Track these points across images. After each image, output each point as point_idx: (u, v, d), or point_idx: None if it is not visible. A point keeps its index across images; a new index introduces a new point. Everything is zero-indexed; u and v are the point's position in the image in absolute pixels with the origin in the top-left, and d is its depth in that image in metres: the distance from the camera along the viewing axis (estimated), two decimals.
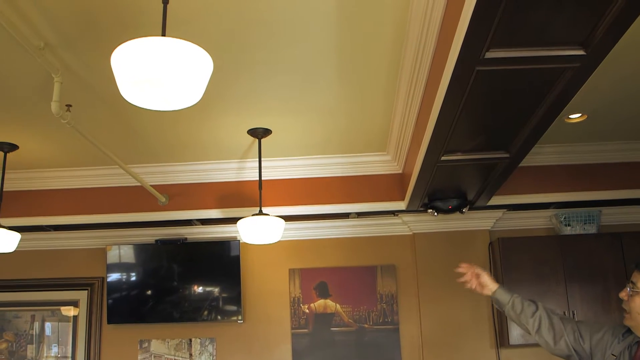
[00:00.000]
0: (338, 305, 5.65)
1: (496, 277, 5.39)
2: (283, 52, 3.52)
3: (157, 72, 2.11)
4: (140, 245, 5.81)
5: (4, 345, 5.95)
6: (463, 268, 3.25)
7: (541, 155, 5.14)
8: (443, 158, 3.97)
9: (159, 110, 4.06)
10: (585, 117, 4.50)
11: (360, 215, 5.62)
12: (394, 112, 4.41)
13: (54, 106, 3.66)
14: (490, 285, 3.13)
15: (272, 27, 3.26)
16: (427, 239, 5.72)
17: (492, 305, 3.35)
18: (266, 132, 4.67)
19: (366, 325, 5.59)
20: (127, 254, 5.80)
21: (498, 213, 5.65)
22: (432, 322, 5.55)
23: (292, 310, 5.68)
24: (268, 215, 4.56)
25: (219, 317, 5.65)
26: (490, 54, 2.59)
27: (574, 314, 5.20)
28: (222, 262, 5.70)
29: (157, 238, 5.82)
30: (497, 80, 2.88)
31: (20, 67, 3.67)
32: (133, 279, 5.77)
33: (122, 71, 2.16)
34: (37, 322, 5.96)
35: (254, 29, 3.27)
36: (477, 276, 3.17)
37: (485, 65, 2.69)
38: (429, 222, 5.67)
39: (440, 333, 5.51)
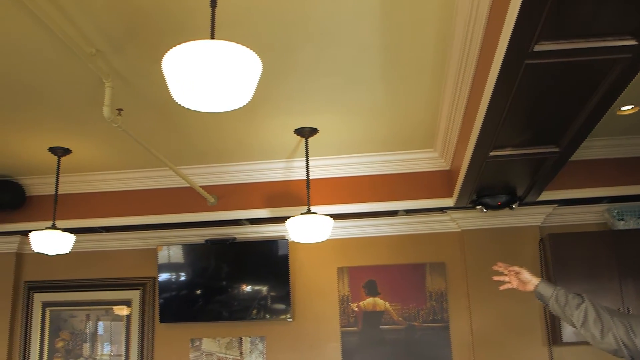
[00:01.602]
0: (387, 303, 5.64)
1: (547, 274, 5.35)
2: (328, 51, 3.53)
3: (208, 75, 2.15)
4: (190, 246, 5.90)
5: (60, 344, 6.10)
6: (500, 267, 3.20)
7: (592, 149, 5.04)
8: (492, 153, 3.93)
9: (210, 112, 4.16)
10: (637, 109, 4.40)
11: (408, 212, 5.60)
12: (441, 109, 4.38)
13: (105, 110, 3.75)
14: (532, 280, 3.07)
15: (317, 27, 3.28)
16: (476, 235, 5.67)
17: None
18: (313, 131, 4.69)
19: (416, 323, 5.57)
20: (177, 254, 5.89)
21: (548, 209, 5.57)
22: (482, 319, 5.49)
23: (341, 309, 5.69)
24: (316, 213, 4.57)
25: (267, 316, 5.69)
26: (539, 47, 2.55)
27: (628, 311, 5.09)
28: (271, 261, 5.74)
29: (206, 238, 5.89)
30: (546, 73, 2.83)
31: (73, 74, 3.76)
32: (183, 278, 5.86)
33: (174, 75, 2.20)
34: (91, 322, 6.09)
35: (299, 29, 3.29)
36: (517, 274, 3.12)
37: (534, 59, 2.65)
38: (477, 219, 5.62)
39: (491, 331, 5.46)
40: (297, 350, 5.68)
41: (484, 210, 5.13)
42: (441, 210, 5.59)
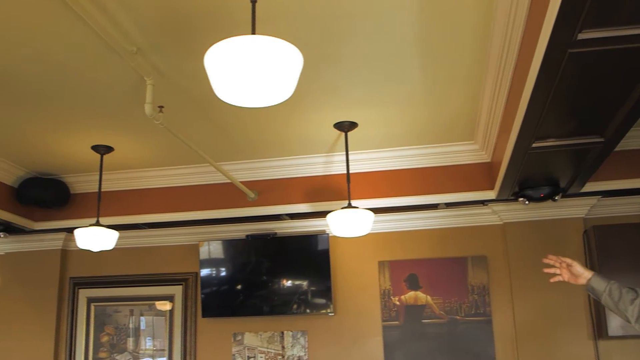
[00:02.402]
0: (429, 297, 5.61)
1: (592, 267, 5.25)
2: (367, 45, 3.52)
3: (250, 70, 2.16)
4: (230, 241, 5.94)
5: (105, 339, 6.20)
6: (551, 260, 3.15)
7: (637, 139, 4.94)
8: (534, 145, 3.87)
9: (251, 108, 4.19)
10: None
11: (449, 205, 5.56)
12: (481, 100, 4.34)
13: (147, 108, 3.79)
14: (584, 273, 3.02)
15: (356, 21, 3.27)
16: (518, 228, 5.60)
17: (589, 294, 3.23)
18: (352, 125, 4.68)
19: (458, 317, 5.53)
20: (218, 249, 5.94)
21: (592, 200, 5.47)
22: (526, 313, 5.42)
23: (383, 303, 5.67)
24: (357, 208, 4.57)
25: (307, 311, 5.70)
26: (583, 35, 2.50)
27: None
28: (311, 255, 5.75)
29: (247, 233, 5.93)
30: (590, 61, 2.77)
31: (114, 73, 3.82)
32: (224, 273, 5.90)
33: (216, 71, 2.22)
34: (135, 317, 6.18)
35: (339, 23, 3.29)
36: (569, 266, 3.07)
37: (578, 47, 2.60)
38: (520, 211, 5.55)
39: (534, 324, 5.39)
40: (339, 345, 5.68)
41: (527, 202, 5.06)
42: (482, 203, 5.54)
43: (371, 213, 4.64)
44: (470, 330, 5.49)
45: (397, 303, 5.65)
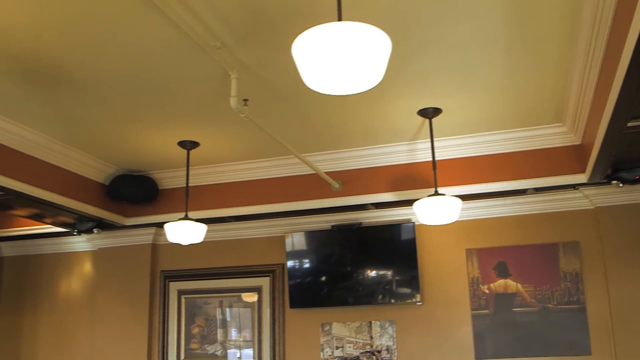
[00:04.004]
0: (519, 285, 5.48)
1: None
2: (453, 29, 3.46)
3: (339, 57, 2.14)
4: (316, 232, 5.96)
5: (196, 330, 6.33)
6: None
7: None
8: (630, 124, 3.71)
9: (334, 97, 4.19)
10: None
11: (537, 191, 5.40)
12: (570, 80, 4.19)
13: (232, 101, 3.84)
14: None
15: (443, 5, 3.21)
16: (612, 212, 5.39)
17: None
18: (436, 111, 4.62)
19: (550, 305, 5.38)
20: (304, 240, 5.97)
21: None
22: (622, 301, 5.21)
23: (471, 291, 5.58)
24: (444, 195, 4.50)
25: (392, 301, 5.66)
26: None
27: None
28: (397, 244, 5.70)
29: (332, 224, 5.93)
30: None
31: (199, 68, 3.88)
32: (310, 264, 5.93)
33: (304, 60, 2.20)
34: (224, 308, 6.29)
35: (425, 7, 3.23)
36: None
37: None
38: (613, 195, 5.34)
39: (632, 313, 5.17)
40: (428, 334, 5.62)
41: (620, 185, 4.88)
42: (573, 187, 5.35)
43: (459, 200, 4.56)
44: (563, 318, 5.34)
45: (487, 291, 5.54)
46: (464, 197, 5.25)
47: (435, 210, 4.52)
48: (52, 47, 3.60)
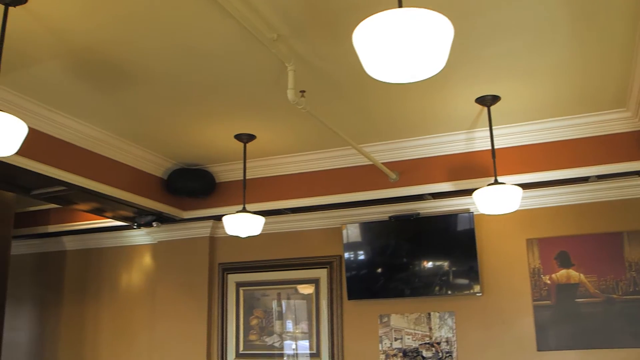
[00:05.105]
0: (582, 275, 5.35)
1: None
2: (514, 13, 3.39)
3: (401, 44, 2.10)
4: (372, 223, 5.94)
5: (254, 322, 6.38)
6: None
7: None
8: None
9: (391, 87, 4.15)
10: None
11: (600, 178, 5.26)
12: (635, 65, 4.06)
13: (289, 93, 3.84)
14: None
15: None
16: None
17: None
18: (495, 98, 4.54)
19: (615, 296, 5.25)
20: (361, 231, 5.95)
21: None
22: None
23: (532, 282, 5.48)
24: (504, 184, 4.42)
25: (449, 292, 5.60)
26: None
27: None
28: (455, 235, 5.63)
29: (389, 215, 5.90)
30: None
31: (255, 61, 3.89)
32: (367, 255, 5.91)
33: (366, 48, 2.18)
34: (282, 300, 6.32)
35: None
36: None
37: None
38: None
39: None
40: (488, 325, 5.54)
41: None
42: (637, 174, 5.20)
43: (519, 189, 4.47)
44: (629, 309, 5.20)
45: (548, 282, 5.44)
46: (524, 186, 5.14)
47: (495, 200, 4.44)
48: (111, 44, 3.66)
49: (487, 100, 4.54)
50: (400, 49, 2.13)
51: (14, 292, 7.39)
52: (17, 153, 3.66)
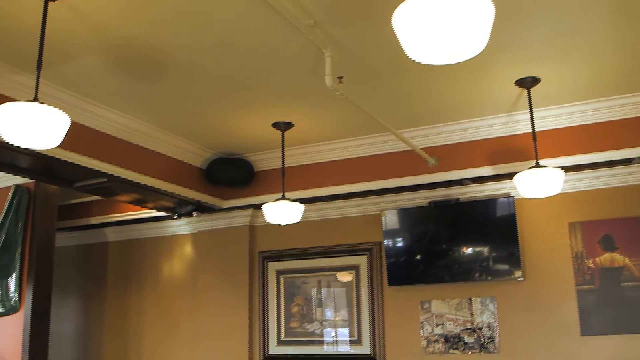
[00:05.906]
0: (626, 259, 5.27)
1: None
2: None
3: (442, 25, 2.08)
4: (412, 209, 5.91)
5: (295, 309, 6.42)
6: None
7: None
8: None
9: (435, 69, 4.11)
10: None
11: None
12: None
13: (327, 80, 3.83)
14: None
15: None
16: None
17: None
18: (535, 80, 4.48)
19: None
20: (401, 218, 5.93)
21: None
22: None
23: (575, 266, 5.41)
24: (546, 167, 4.37)
25: (489, 278, 5.55)
26: None
27: None
28: (495, 220, 5.58)
29: (429, 200, 5.87)
30: None
31: (292, 48, 3.89)
32: (408, 241, 5.89)
33: (406, 30, 2.16)
34: (322, 287, 6.34)
35: None
36: None
37: None
38: None
39: None
40: (530, 310, 5.48)
41: None
42: None
43: (561, 171, 4.42)
44: None
45: (592, 266, 5.36)
46: (566, 169, 5.05)
47: (537, 183, 4.39)
48: (149, 39, 3.70)
49: (527, 83, 4.48)
50: (440, 29, 2.10)
51: (59, 283, 7.53)
52: (60, 146, 3.71)
